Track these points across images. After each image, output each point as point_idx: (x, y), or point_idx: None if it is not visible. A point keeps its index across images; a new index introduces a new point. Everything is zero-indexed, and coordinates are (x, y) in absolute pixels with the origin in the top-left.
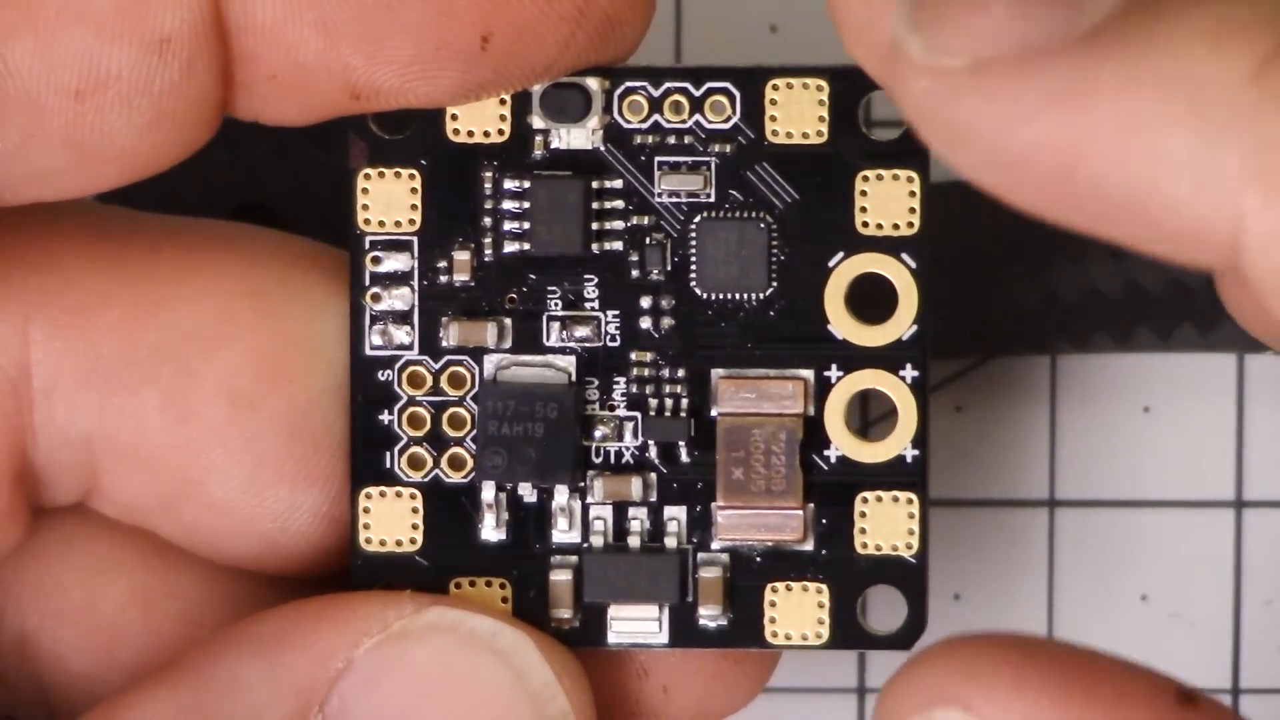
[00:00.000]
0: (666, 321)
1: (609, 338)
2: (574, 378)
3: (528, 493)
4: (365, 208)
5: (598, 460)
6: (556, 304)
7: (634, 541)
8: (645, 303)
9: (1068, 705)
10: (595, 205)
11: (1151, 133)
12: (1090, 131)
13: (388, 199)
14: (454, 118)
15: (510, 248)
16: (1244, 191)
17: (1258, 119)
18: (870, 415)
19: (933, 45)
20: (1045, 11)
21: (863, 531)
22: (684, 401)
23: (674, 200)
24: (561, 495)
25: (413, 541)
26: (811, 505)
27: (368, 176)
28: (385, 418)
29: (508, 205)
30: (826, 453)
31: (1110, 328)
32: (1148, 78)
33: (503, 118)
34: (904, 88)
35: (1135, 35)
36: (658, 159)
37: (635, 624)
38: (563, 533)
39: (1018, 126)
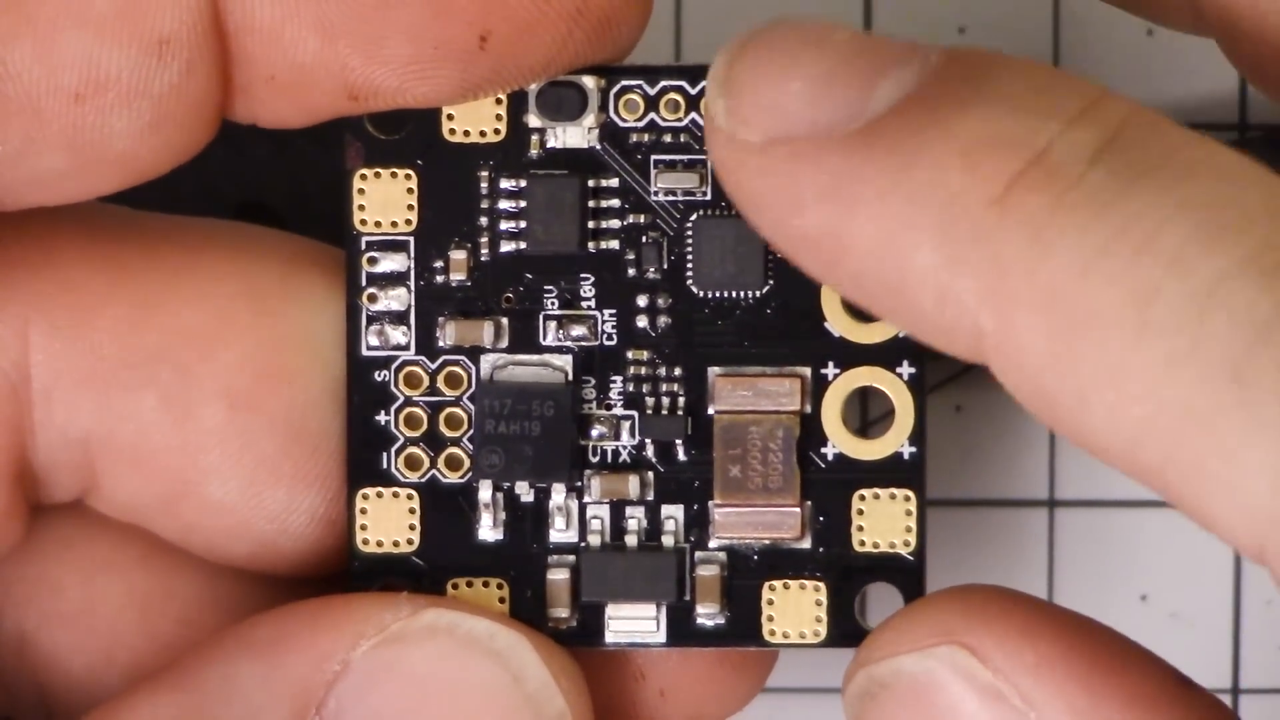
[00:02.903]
0: (663, 320)
1: (606, 336)
2: (571, 377)
3: (525, 492)
4: (361, 208)
5: (595, 459)
6: (553, 303)
7: (631, 540)
8: (642, 301)
9: (1076, 661)
10: (591, 204)
11: (900, 245)
12: (851, 232)
13: (384, 199)
14: (450, 117)
15: (507, 247)
16: (979, 311)
17: (994, 241)
18: (870, 414)
19: (733, 113)
20: (838, 95)
21: (860, 529)
22: (681, 400)
23: (670, 199)
24: (559, 494)
25: (410, 542)
26: (809, 503)
27: (364, 177)
28: (382, 418)
29: (504, 204)
30: (824, 450)
31: None
32: (904, 188)
33: (499, 117)
34: (709, 147)
35: (906, 140)
36: (654, 157)
37: (633, 623)
38: (560, 532)
39: (791, 213)
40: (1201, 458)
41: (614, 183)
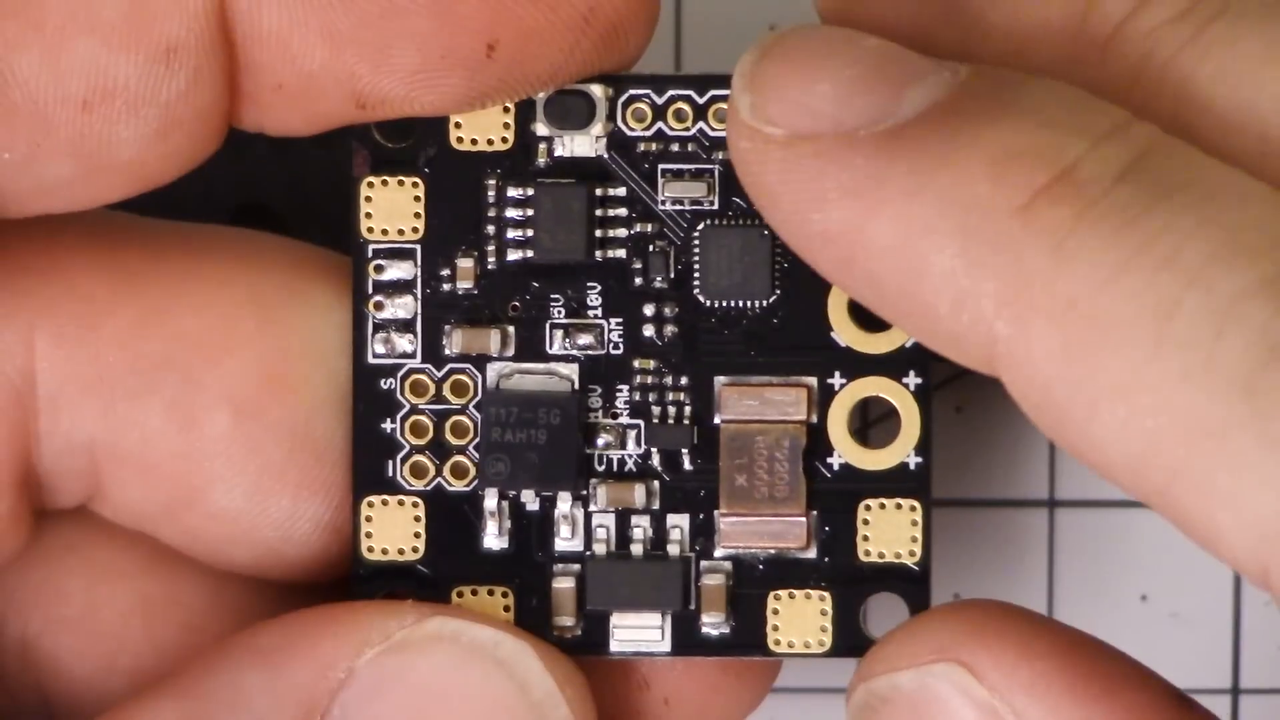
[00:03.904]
0: (669, 329)
1: (612, 345)
2: (577, 385)
3: (530, 501)
4: (368, 216)
5: (600, 468)
6: (560, 311)
7: (637, 549)
8: (648, 310)
9: (1073, 680)
10: (598, 212)
11: (921, 247)
12: (870, 232)
13: (391, 207)
14: (458, 125)
15: (513, 255)
16: (996, 318)
17: (1016, 250)
18: (870, 416)
19: (759, 109)
20: (866, 98)
21: (865, 539)
22: (687, 409)
23: (677, 207)
24: (564, 503)
25: (415, 550)
26: (814, 512)
27: (370, 185)
28: (387, 426)
29: (511, 213)
30: (829, 460)
31: None
32: (929, 192)
33: (506, 125)
34: (731, 140)
35: (933, 145)
36: (661, 166)
37: (638, 632)
38: (565, 540)
39: (811, 209)
40: (1210, 472)
41: (621, 191)
